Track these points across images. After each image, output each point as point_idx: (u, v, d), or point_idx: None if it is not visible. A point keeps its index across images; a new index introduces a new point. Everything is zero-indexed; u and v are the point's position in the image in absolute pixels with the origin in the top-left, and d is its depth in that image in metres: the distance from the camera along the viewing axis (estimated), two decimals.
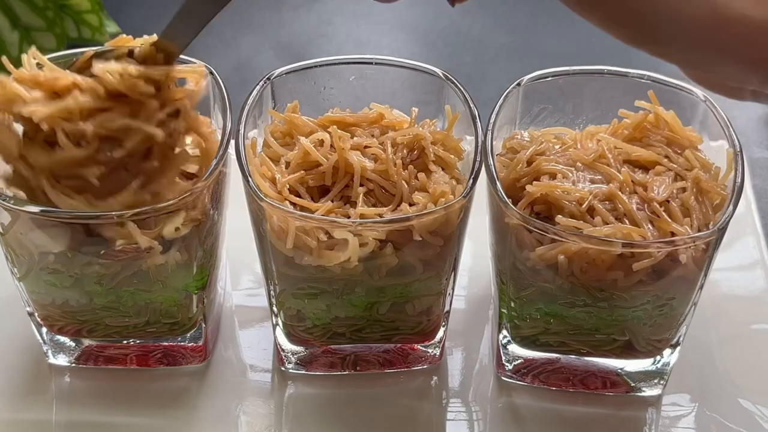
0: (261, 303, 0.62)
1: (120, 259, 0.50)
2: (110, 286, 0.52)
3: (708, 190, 0.51)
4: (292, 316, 0.55)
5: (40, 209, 0.48)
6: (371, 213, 0.50)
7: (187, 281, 0.53)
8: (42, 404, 0.57)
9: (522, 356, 0.57)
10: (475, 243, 0.62)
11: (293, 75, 0.55)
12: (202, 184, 0.50)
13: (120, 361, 0.58)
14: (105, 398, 0.57)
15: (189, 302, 0.55)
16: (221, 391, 0.58)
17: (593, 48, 0.84)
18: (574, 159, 0.52)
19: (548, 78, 0.56)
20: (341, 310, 0.54)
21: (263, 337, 0.61)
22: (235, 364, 0.60)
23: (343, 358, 0.58)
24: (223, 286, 0.62)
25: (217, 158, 0.51)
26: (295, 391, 0.58)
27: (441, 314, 0.56)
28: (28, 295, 0.54)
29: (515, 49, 0.87)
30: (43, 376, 0.58)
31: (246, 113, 0.53)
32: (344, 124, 0.54)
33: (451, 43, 0.87)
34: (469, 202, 0.50)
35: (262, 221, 0.50)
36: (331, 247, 0.49)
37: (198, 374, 0.59)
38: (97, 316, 0.55)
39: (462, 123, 0.54)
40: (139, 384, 0.58)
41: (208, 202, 0.52)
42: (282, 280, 0.52)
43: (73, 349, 0.58)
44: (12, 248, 0.51)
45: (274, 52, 0.85)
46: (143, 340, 0.57)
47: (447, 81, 0.55)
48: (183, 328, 0.57)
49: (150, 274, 0.52)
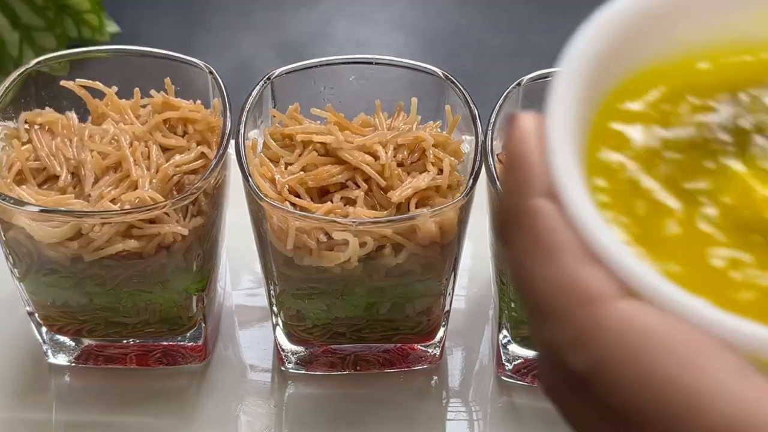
0: (261, 303, 0.62)
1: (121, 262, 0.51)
2: (110, 287, 0.52)
3: None
4: (292, 316, 0.55)
5: (40, 209, 0.48)
6: (371, 214, 0.50)
7: (187, 282, 0.53)
8: (42, 404, 0.57)
9: (522, 356, 0.57)
10: (475, 243, 0.62)
11: (293, 75, 0.55)
12: (201, 183, 0.50)
13: (120, 361, 0.58)
14: (105, 398, 0.57)
15: (189, 302, 0.55)
16: (221, 391, 0.58)
17: None
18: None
19: (548, 78, 0.56)
20: (341, 310, 0.54)
21: (263, 336, 0.61)
22: (234, 364, 0.60)
23: (343, 358, 0.58)
24: (223, 286, 0.62)
25: (216, 158, 0.51)
26: (294, 391, 0.58)
27: (441, 314, 0.56)
28: (27, 295, 0.54)
29: (515, 49, 0.87)
30: (43, 375, 0.58)
31: (246, 113, 0.53)
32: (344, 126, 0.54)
33: (451, 43, 0.87)
34: (469, 202, 0.50)
35: (262, 221, 0.50)
36: (331, 247, 0.49)
37: (198, 374, 0.59)
38: (97, 316, 0.55)
39: (462, 123, 0.54)
40: (138, 383, 0.58)
41: (207, 202, 0.52)
42: (282, 280, 0.52)
43: (73, 348, 0.58)
44: (12, 248, 0.51)
45: (274, 52, 0.85)
46: (143, 339, 0.57)
47: (447, 81, 0.55)
48: (183, 327, 0.57)
49: (150, 275, 0.52)
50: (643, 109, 0.29)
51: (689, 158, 0.29)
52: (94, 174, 0.51)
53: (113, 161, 0.52)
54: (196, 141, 0.54)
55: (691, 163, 0.29)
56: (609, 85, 0.29)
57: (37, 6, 0.74)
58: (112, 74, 0.56)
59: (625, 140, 0.29)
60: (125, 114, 0.54)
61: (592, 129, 0.29)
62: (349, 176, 0.51)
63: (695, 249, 0.27)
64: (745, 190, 0.28)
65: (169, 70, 0.56)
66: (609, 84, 0.29)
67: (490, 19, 0.90)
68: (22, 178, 0.52)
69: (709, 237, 0.27)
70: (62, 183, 0.51)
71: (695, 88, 0.30)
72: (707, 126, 0.30)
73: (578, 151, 0.27)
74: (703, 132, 0.30)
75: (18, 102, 0.54)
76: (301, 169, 0.52)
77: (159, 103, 0.55)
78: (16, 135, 0.53)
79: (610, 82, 0.29)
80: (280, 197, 0.50)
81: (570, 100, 0.28)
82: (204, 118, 0.54)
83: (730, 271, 0.27)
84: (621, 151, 0.29)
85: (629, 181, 0.28)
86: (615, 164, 0.28)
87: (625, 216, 0.27)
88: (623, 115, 0.29)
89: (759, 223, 0.28)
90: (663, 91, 0.30)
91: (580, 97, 0.28)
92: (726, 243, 0.27)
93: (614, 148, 0.29)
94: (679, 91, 0.30)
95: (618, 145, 0.29)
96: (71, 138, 0.53)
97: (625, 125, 0.29)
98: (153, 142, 0.53)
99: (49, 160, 0.52)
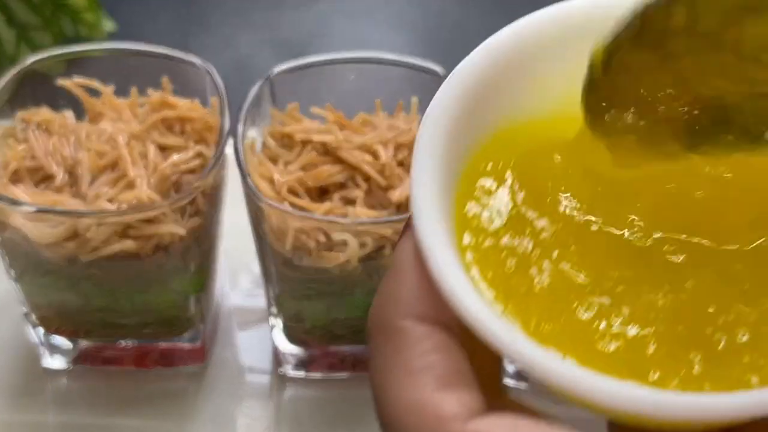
0: (259, 304, 0.61)
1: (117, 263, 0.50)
2: (107, 287, 0.52)
3: None
4: (291, 317, 0.55)
5: (37, 208, 0.48)
6: (371, 214, 0.49)
7: (184, 283, 0.53)
8: (38, 405, 0.57)
9: None
10: None
11: (292, 74, 0.55)
12: (199, 183, 0.50)
13: (117, 362, 0.58)
14: (101, 399, 0.57)
15: (187, 303, 0.55)
16: (219, 393, 0.58)
17: None
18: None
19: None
20: (341, 311, 0.53)
21: (262, 338, 0.60)
22: (233, 366, 0.59)
23: (342, 360, 0.58)
24: (221, 287, 0.61)
25: (214, 158, 0.51)
26: (293, 393, 0.58)
27: None
28: (24, 296, 0.54)
29: None
30: (39, 377, 0.58)
31: (245, 112, 0.52)
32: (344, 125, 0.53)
33: (451, 42, 0.87)
34: None
35: (260, 222, 0.50)
36: (331, 248, 0.49)
37: (196, 375, 0.59)
38: (94, 317, 0.54)
39: None
40: (136, 385, 0.58)
41: (205, 202, 0.52)
42: (281, 281, 0.52)
43: (70, 350, 0.57)
44: (7, 249, 0.51)
45: (273, 51, 0.85)
46: (140, 340, 0.57)
47: None
48: (180, 329, 0.56)
49: (147, 276, 0.52)
50: (500, 169, 0.30)
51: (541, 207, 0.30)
52: (90, 173, 0.51)
53: (110, 161, 0.51)
54: (193, 140, 0.54)
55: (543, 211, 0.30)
56: (475, 141, 0.30)
57: (33, 4, 0.74)
58: (108, 73, 0.56)
59: (487, 194, 0.30)
60: (122, 113, 0.54)
61: (460, 186, 0.29)
62: (349, 176, 0.51)
63: (561, 299, 0.28)
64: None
65: (167, 69, 0.56)
66: (475, 140, 0.30)
67: (491, 18, 0.90)
68: (18, 178, 0.51)
69: (571, 281, 0.28)
70: (58, 183, 0.51)
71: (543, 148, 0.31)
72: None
73: (445, 210, 0.28)
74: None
75: (14, 100, 0.54)
76: (300, 168, 0.51)
77: (156, 102, 0.54)
78: (12, 134, 0.53)
79: (476, 138, 0.30)
80: (278, 197, 0.50)
81: (432, 163, 0.28)
82: (202, 117, 0.54)
83: (595, 322, 0.27)
84: (484, 205, 0.29)
85: (494, 234, 0.29)
86: (480, 219, 0.29)
87: (492, 272, 0.28)
88: (486, 172, 0.30)
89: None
90: (517, 152, 0.30)
91: (443, 158, 0.28)
92: (588, 285, 0.28)
93: (479, 203, 0.29)
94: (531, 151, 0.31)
95: (481, 199, 0.29)
96: (68, 137, 0.53)
97: (488, 179, 0.30)
98: (150, 141, 0.53)
99: (46, 160, 0.52)
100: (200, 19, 0.86)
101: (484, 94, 0.30)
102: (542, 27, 0.31)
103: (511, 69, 0.31)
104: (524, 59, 0.31)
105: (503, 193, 0.29)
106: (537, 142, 0.31)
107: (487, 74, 0.30)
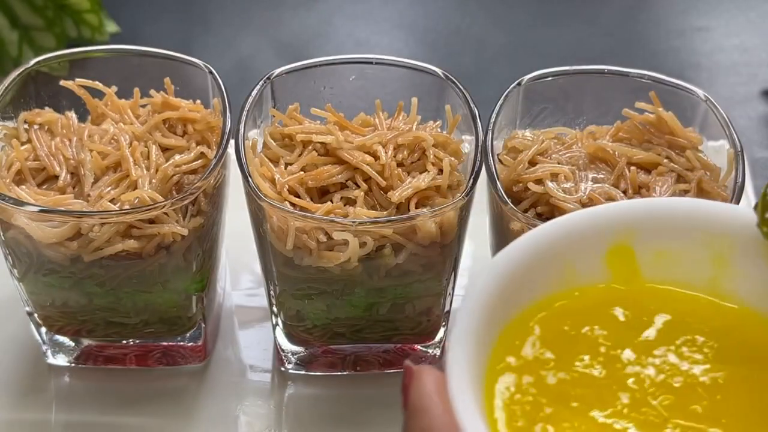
0: (261, 303, 0.62)
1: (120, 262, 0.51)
2: (110, 287, 0.52)
3: (709, 191, 0.51)
4: (291, 317, 0.55)
5: (40, 208, 0.48)
6: (371, 214, 0.50)
7: (186, 282, 0.53)
8: (41, 404, 0.57)
9: None
10: (475, 243, 0.62)
11: (293, 75, 0.55)
12: (201, 183, 0.50)
13: (119, 361, 0.58)
14: (104, 398, 0.57)
15: (188, 303, 0.55)
16: (221, 391, 0.58)
17: (593, 48, 0.84)
18: (577, 159, 0.52)
19: (548, 78, 0.56)
20: (341, 310, 0.53)
21: (263, 337, 0.61)
22: (234, 364, 0.60)
23: (343, 358, 0.58)
24: (222, 286, 0.62)
25: (216, 158, 0.51)
26: (294, 392, 0.58)
27: (441, 314, 0.56)
28: (27, 295, 0.54)
29: (515, 49, 0.87)
30: (43, 376, 0.58)
31: (246, 113, 0.52)
32: (344, 125, 0.54)
33: (451, 43, 0.87)
34: (469, 202, 0.50)
35: (261, 222, 0.50)
36: (331, 247, 0.49)
37: (197, 374, 0.59)
38: (97, 316, 0.55)
39: (462, 123, 0.54)
40: (138, 384, 0.58)
41: (207, 202, 0.52)
42: (282, 280, 0.52)
43: (73, 348, 0.58)
44: (11, 248, 0.51)
45: (274, 52, 0.85)
46: (143, 339, 0.57)
47: (447, 81, 0.55)
48: (182, 328, 0.57)
49: (149, 275, 0.52)
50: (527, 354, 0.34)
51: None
52: (93, 174, 0.51)
53: (113, 161, 0.51)
54: (195, 141, 0.54)
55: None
56: (501, 326, 0.34)
57: (36, 6, 0.74)
58: (111, 74, 0.56)
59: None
60: (125, 114, 0.54)
61: (489, 366, 0.33)
62: (349, 176, 0.51)
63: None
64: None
65: (169, 70, 0.56)
66: (501, 324, 0.34)
67: (491, 19, 0.90)
68: (22, 178, 0.52)
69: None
70: (61, 183, 0.51)
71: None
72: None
73: (478, 389, 0.31)
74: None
75: (17, 102, 0.54)
76: (300, 169, 0.51)
77: (158, 103, 0.55)
78: (16, 135, 0.53)
79: (502, 323, 0.34)
80: (279, 197, 0.50)
81: (466, 350, 0.32)
82: (203, 118, 0.54)
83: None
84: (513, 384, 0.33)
85: (524, 413, 0.32)
86: (512, 397, 0.33)
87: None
88: (515, 350, 0.34)
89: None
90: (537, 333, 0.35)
91: (476, 344, 0.32)
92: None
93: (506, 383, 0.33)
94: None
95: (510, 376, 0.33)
96: (71, 138, 0.53)
97: (515, 358, 0.34)
98: (152, 141, 0.53)
99: (49, 160, 0.52)
100: (202, 20, 0.87)
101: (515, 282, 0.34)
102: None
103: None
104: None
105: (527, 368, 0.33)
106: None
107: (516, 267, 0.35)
